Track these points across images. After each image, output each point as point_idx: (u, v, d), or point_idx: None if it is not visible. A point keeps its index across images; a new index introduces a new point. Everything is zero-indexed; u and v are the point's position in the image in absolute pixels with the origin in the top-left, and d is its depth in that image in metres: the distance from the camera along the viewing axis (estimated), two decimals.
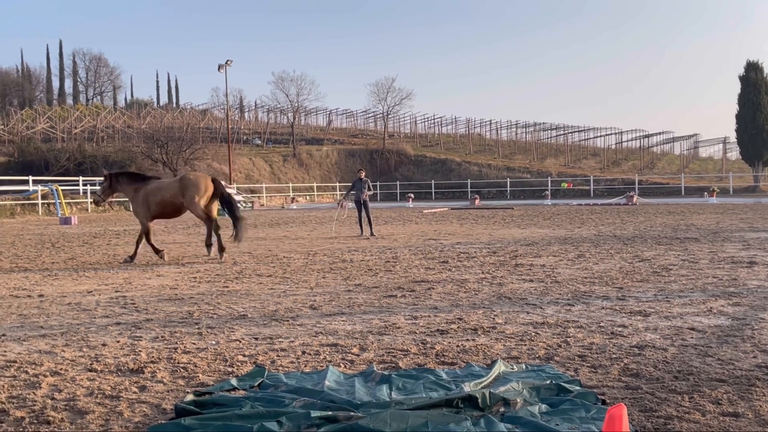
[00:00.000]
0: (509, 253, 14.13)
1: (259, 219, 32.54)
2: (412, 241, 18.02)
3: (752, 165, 55.95)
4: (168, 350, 6.37)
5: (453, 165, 70.97)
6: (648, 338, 6.42)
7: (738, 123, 55.82)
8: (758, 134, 53.96)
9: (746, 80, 54.93)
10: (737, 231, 18.53)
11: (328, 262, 13.28)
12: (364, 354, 6.12)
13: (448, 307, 8.32)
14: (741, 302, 8.12)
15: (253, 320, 7.75)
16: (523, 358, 5.84)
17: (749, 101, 54.39)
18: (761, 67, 54.95)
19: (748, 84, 54.63)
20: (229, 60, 59.71)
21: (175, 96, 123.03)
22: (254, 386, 5.16)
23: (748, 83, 54.71)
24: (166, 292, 9.93)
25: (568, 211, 32.88)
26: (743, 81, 55.24)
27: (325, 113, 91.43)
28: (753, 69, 54.81)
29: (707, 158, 78.92)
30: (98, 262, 14.27)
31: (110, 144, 65.36)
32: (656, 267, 11.48)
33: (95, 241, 20.25)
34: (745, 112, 54.82)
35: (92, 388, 5.23)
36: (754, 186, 54.57)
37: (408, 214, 33.48)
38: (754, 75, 54.57)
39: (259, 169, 66.19)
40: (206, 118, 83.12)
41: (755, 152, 54.65)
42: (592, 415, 4.32)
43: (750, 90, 54.44)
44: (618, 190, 54.59)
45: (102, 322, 7.83)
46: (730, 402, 4.56)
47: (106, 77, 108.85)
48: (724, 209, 30.69)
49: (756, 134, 54.00)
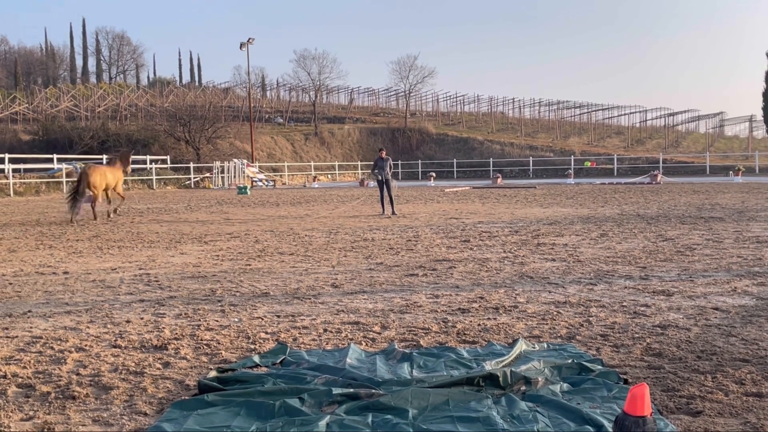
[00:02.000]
0: (531, 233, 14.07)
1: (281, 198, 32.63)
2: (433, 220, 18.00)
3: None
4: (191, 327, 6.43)
5: (475, 144, 70.59)
6: (671, 318, 6.39)
7: (765, 101, 55.15)
8: None
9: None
10: (763, 210, 18.32)
11: (349, 241, 13.30)
12: (385, 332, 6.14)
13: (469, 286, 8.31)
14: (766, 282, 8.04)
15: (275, 298, 7.79)
16: (545, 337, 5.83)
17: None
18: None
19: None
20: (251, 38, 59.72)
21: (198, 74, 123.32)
22: (276, 363, 5.20)
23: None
24: (189, 270, 10.00)
25: (591, 190, 32.66)
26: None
27: (346, 92, 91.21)
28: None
29: (733, 137, 77.83)
30: (122, 239, 14.39)
31: (133, 122, 65.60)
32: (680, 246, 11.39)
33: (119, 219, 20.41)
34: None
35: (116, 364, 5.29)
36: None
37: (430, 193, 33.42)
38: None
39: (281, 147, 66.27)
40: (228, 96, 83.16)
41: None
42: (614, 395, 4.31)
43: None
44: (642, 168, 54.07)
45: (126, 299, 7.91)
46: (754, 382, 4.53)
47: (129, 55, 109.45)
48: (750, 188, 30.33)
49: None
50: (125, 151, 22.77)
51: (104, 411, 4.28)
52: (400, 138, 72.72)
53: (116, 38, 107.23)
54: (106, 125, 60.49)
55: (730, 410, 4.06)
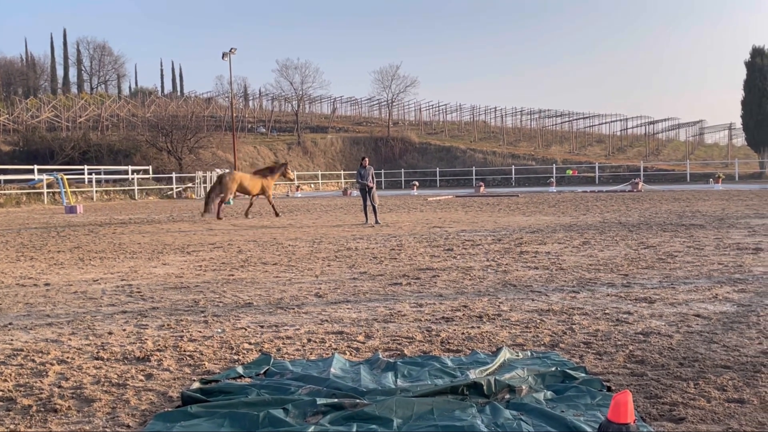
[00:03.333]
0: (514, 241, 14.12)
1: (264, 207, 32.54)
2: (416, 228, 18.02)
3: (758, 151, 55.75)
4: (174, 338, 6.39)
5: (458, 152, 70.78)
6: (653, 325, 6.42)
7: (744, 109, 55.61)
8: (764, 120, 53.74)
9: (752, 66, 54.69)
10: (743, 217, 18.48)
11: (333, 250, 13.29)
12: (369, 341, 6.13)
13: (453, 294, 8.32)
14: (746, 289, 8.11)
15: (259, 308, 7.77)
16: (528, 345, 5.85)
17: (755, 87, 54.16)
18: (767, 53, 54.64)
19: (754, 70, 54.38)
20: (233, 48, 59.52)
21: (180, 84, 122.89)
22: (260, 374, 5.18)
23: (754, 69, 54.46)
24: (172, 281, 9.95)
25: (573, 198, 32.82)
26: (749, 67, 54.99)
27: (329, 101, 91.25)
28: (759, 54, 54.57)
29: (713, 144, 78.55)
30: (104, 250, 14.30)
31: (115, 132, 65.30)
32: (661, 254, 11.46)
33: (100, 229, 20.29)
34: (751, 98, 54.60)
35: (99, 376, 5.25)
36: (759, 172, 54.38)
37: (413, 202, 33.47)
38: (760, 60, 54.32)
39: (263, 157, 66.12)
40: (211, 106, 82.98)
41: (761, 138, 54.45)
42: (597, 402, 4.33)
43: (756, 76, 54.19)
44: (623, 176, 54.45)
45: (108, 310, 7.86)
46: (736, 388, 4.57)
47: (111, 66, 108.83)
48: (730, 196, 30.60)
49: (762, 120, 53.78)
50: (281, 164, 26.14)
51: (87, 424, 4.24)
52: (383, 147, 72.83)
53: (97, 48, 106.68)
54: (88, 136, 60.17)
55: (713, 417, 4.09)
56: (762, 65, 54.13)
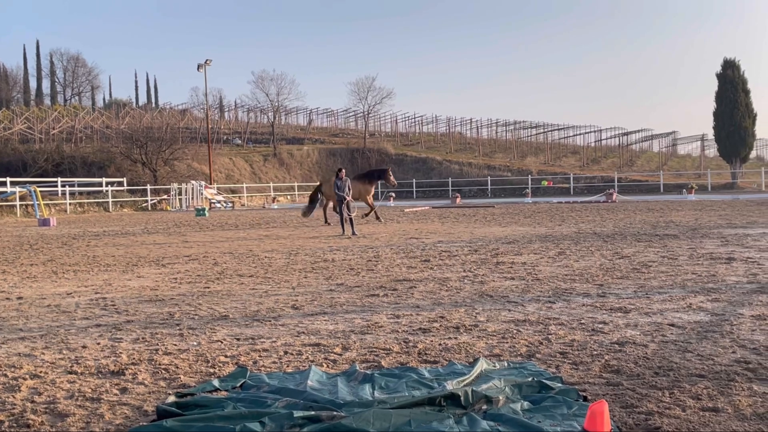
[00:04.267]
0: (490, 252, 14.17)
1: (240, 219, 32.42)
2: (393, 240, 18.03)
3: (730, 162, 56.45)
4: (149, 352, 6.33)
5: (434, 164, 70.98)
6: (628, 335, 6.47)
7: (716, 120, 56.27)
8: (735, 131, 54.45)
9: (723, 78, 55.39)
10: (716, 227, 18.69)
11: (309, 262, 13.26)
12: (346, 353, 6.11)
13: (430, 305, 8.33)
14: (720, 298, 8.20)
15: (235, 321, 7.72)
16: (505, 356, 5.86)
17: (726, 98, 54.85)
18: (738, 65, 55.42)
19: (726, 81, 55.09)
20: (209, 59, 59.49)
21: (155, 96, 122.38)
22: (236, 387, 5.15)
23: (725, 81, 55.17)
24: (147, 293, 9.87)
25: (548, 209, 33.02)
26: (720, 78, 55.70)
27: (305, 112, 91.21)
28: (730, 67, 55.29)
29: (685, 155, 79.40)
30: (78, 263, 14.15)
31: (89, 144, 64.72)
32: (636, 264, 11.56)
33: (74, 242, 20.08)
34: (722, 109, 55.27)
35: (72, 390, 5.19)
36: (731, 183, 55.07)
37: (389, 213, 33.48)
38: (731, 72, 55.03)
39: (239, 168, 65.90)
40: (186, 118, 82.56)
41: (733, 149, 55.14)
42: (574, 412, 4.35)
43: (727, 87, 54.89)
44: (598, 187, 54.88)
45: (82, 324, 7.77)
46: (710, 397, 4.61)
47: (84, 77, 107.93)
48: (703, 206, 30.94)
49: (733, 131, 54.47)
50: (380, 169, 27.28)
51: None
52: (360, 158, 72.81)
53: (71, 60, 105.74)
54: (61, 148, 59.62)
55: (688, 425, 4.12)
56: (733, 77, 54.85)
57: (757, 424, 4.09)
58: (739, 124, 54.41)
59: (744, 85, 55.28)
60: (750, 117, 55.25)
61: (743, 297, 8.25)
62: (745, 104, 54.90)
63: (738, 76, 55.10)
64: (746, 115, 54.82)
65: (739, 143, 54.76)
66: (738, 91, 54.70)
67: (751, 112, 55.48)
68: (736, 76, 54.96)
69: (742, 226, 19.01)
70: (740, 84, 54.98)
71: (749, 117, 55.15)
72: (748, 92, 55.56)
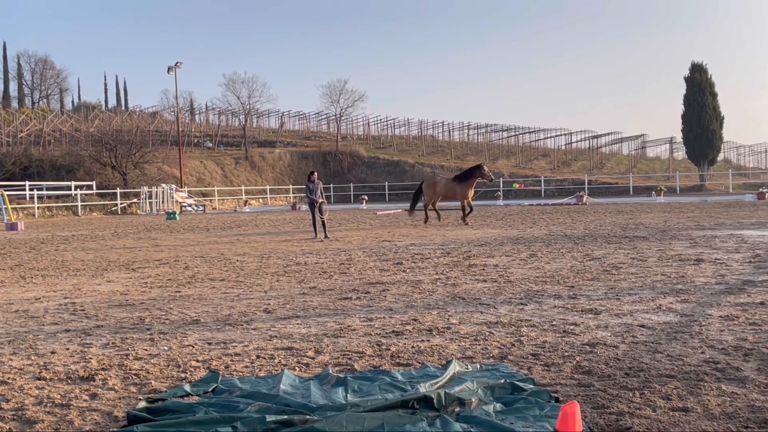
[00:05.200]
0: (463, 254, 14.21)
1: (211, 222, 32.22)
2: (366, 243, 18.02)
3: (698, 164, 57.14)
4: (119, 357, 6.27)
5: (406, 166, 71.06)
6: (599, 336, 6.52)
7: (684, 123, 56.92)
8: (703, 134, 55.12)
9: (691, 81, 56.06)
10: (684, 229, 18.91)
11: (281, 265, 13.21)
12: (319, 357, 6.10)
13: (402, 308, 8.34)
14: (689, 299, 8.29)
15: (206, 325, 7.67)
16: (478, 358, 5.88)
17: (694, 102, 55.52)
18: (705, 69, 56.12)
19: (693, 85, 55.76)
20: (179, 62, 59.10)
21: (124, 99, 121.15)
22: (208, 392, 5.11)
23: (693, 84, 55.84)
24: (117, 298, 9.77)
25: (519, 212, 33.21)
26: (688, 82, 56.37)
27: (277, 115, 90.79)
28: (698, 70, 55.98)
29: (654, 158, 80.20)
30: (46, 268, 13.98)
31: (57, 148, 63.88)
32: (606, 265, 11.66)
33: (43, 246, 19.84)
34: (690, 112, 55.94)
35: (41, 396, 5.12)
36: (700, 185, 55.75)
37: (362, 216, 33.47)
38: (698, 76, 55.71)
39: (210, 172, 65.49)
40: (156, 120, 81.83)
41: (701, 152, 55.82)
42: (546, 413, 4.37)
43: (695, 91, 55.56)
44: (568, 190, 55.29)
45: (51, 329, 7.68)
46: (680, 397, 4.66)
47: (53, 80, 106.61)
48: (672, 208, 31.30)
49: (701, 134, 55.14)
50: (475, 166, 25.31)
51: None
52: (332, 161, 72.73)
53: (39, 62, 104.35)
54: (29, 151, 58.79)
55: (658, 425, 4.16)
56: (701, 80, 55.53)
57: (726, 424, 4.14)
58: (707, 127, 55.08)
59: (711, 88, 55.99)
60: (717, 120, 55.98)
61: (712, 298, 8.36)
62: (712, 107, 55.60)
63: (706, 80, 55.80)
64: (714, 118, 55.53)
65: (706, 146, 55.44)
66: (706, 95, 55.39)
67: (719, 115, 56.22)
68: (703, 80, 55.65)
69: (710, 227, 19.26)
70: (708, 87, 55.68)
71: (717, 120, 55.86)
72: (716, 95, 56.29)
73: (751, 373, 5.16)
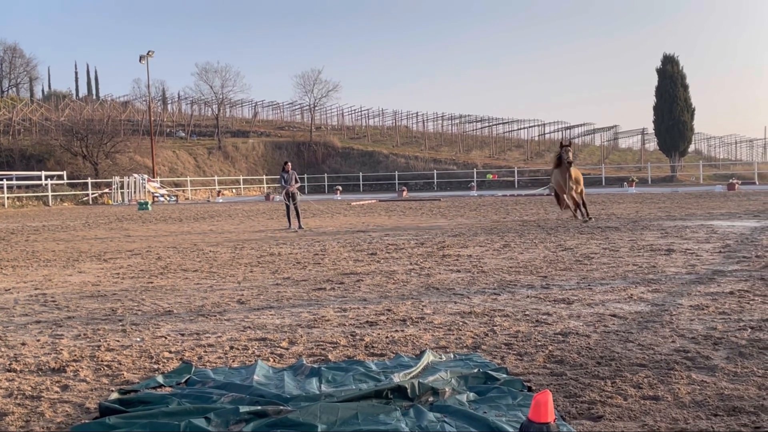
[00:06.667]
0: (436, 244, 14.25)
1: (184, 213, 32.00)
2: (340, 233, 18.00)
3: (669, 155, 57.67)
4: (91, 348, 6.22)
5: (380, 157, 71.05)
6: (571, 325, 6.57)
7: (655, 114, 57.36)
8: (675, 125, 55.61)
9: (663, 73, 56.48)
10: (655, 220, 19.11)
11: (255, 256, 13.16)
12: (293, 347, 6.09)
13: (376, 298, 8.34)
14: (660, 289, 8.39)
15: (179, 316, 7.63)
16: (451, 348, 5.91)
17: (666, 93, 55.96)
18: (677, 60, 56.56)
19: (665, 76, 56.18)
20: (151, 51, 58.51)
21: (96, 88, 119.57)
22: (181, 383, 5.08)
23: (665, 76, 56.26)
24: (88, 289, 9.69)
25: (493, 202, 33.35)
26: (660, 73, 56.79)
27: (250, 105, 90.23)
28: (669, 62, 56.41)
29: (626, 149, 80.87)
30: (16, 258, 13.81)
31: (27, 137, 63.03)
32: (578, 256, 11.75)
33: (12, 237, 19.59)
34: (662, 103, 56.38)
35: (11, 388, 5.06)
36: (671, 176, 56.28)
37: (336, 207, 33.43)
38: (670, 68, 56.13)
39: (183, 162, 65.00)
40: (128, 110, 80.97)
41: (672, 143, 56.32)
42: (519, 402, 4.40)
43: (667, 82, 55.99)
44: (541, 180, 55.58)
45: (21, 320, 7.59)
46: (651, 386, 4.71)
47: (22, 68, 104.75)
48: (643, 199, 31.60)
49: (673, 125, 55.63)
50: (561, 147, 20.25)
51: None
52: (306, 152, 72.50)
53: (8, 50, 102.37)
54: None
55: (629, 414, 4.20)
56: (672, 72, 55.96)
57: (696, 412, 4.20)
58: (678, 118, 55.57)
59: (683, 80, 56.46)
60: (689, 111, 56.50)
61: (682, 287, 8.45)
62: (684, 99, 56.09)
63: (677, 71, 56.24)
64: (685, 110, 56.04)
65: (678, 137, 55.95)
66: (677, 86, 55.83)
67: (690, 106, 56.74)
68: (675, 71, 56.09)
69: (681, 218, 19.47)
70: (679, 79, 56.12)
71: (688, 111, 56.39)
72: (687, 87, 56.77)
73: (720, 361, 5.23)
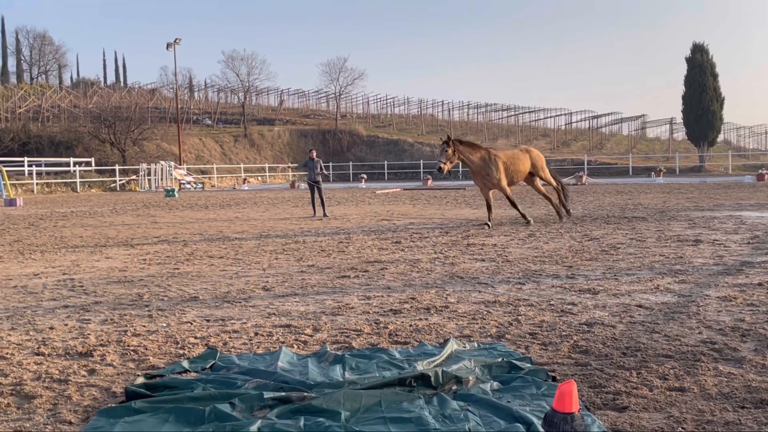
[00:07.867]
0: (461, 233, 14.21)
1: (210, 200, 32.20)
2: (365, 221, 18.02)
3: (698, 145, 57.00)
4: (117, 333, 6.28)
5: (405, 145, 70.92)
6: (597, 316, 6.53)
7: (684, 104, 56.68)
8: (704, 115, 54.91)
9: (692, 62, 55.76)
10: (683, 210, 18.91)
11: (280, 243, 13.21)
12: (317, 335, 6.11)
13: (401, 286, 8.34)
14: (687, 280, 8.30)
15: (205, 302, 7.68)
16: (475, 337, 5.89)
17: (695, 82, 55.26)
18: (707, 49, 55.81)
19: (694, 65, 55.46)
20: (178, 39, 58.81)
21: (123, 75, 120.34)
22: (206, 368, 5.12)
23: (694, 65, 55.54)
24: (115, 275, 9.78)
25: (518, 192, 33.14)
26: (689, 62, 56.07)
27: (276, 93, 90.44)
28: (699, 51, 55.67)
29: (654, 139, 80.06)
30: (45, 244, 13.97)
31: (56, 124, 63.68)
32: (605, 246, 11.66)
33: (41, 223, 19.83)
34: (691, 93, 55.68)
35: (39, 372, 5.13)
36: (699, 166, 55.65)
37: (361, 195, 33.45)
38: (699, 57, 55.41)
39: (209, 149, 65.36)
40: (155, 97, 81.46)
41: (701, 133, 55.65)
42: (543, 392, 4.38)
43: (696, 71, 55.27)
44: (568, 170, 55.12)
45: (49, 305, 7.68)
46: (677, 377, 4.67)
47: (51, 56, 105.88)
48: (671, 189, 31.28)
49: (701, 115, 54.94)
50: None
51: (27, 421, 4.14)
52: (331, 140, 72.58)
53: (37, 38, 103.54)
54: (28, 127, 58.65)
55: (655, 405, 4.17)
56: (702, 61, 55.23)
57: (723, 404, 4.15)
58: (707, 107, 54.86)
59: (712, 69, 55.69)
60: (718, 101, 55.75)
61: (710, 278, 8.36)
62: (713, 88, 55.34)
63: (707, 60, 55.49)
64: (714, 99, 55.30)
65: (707, 127, 55.25)
66: (707, 75, 55.10)
67: (719, 96, 55.97)
68: (704, 60, 55.34)
69: (709, 208, 19.25)
70: (709, 68, 55.37)
71: (717, 101, 55.64)
72: (717, 76, 56.00)
73: (748, 353, 5.17)
